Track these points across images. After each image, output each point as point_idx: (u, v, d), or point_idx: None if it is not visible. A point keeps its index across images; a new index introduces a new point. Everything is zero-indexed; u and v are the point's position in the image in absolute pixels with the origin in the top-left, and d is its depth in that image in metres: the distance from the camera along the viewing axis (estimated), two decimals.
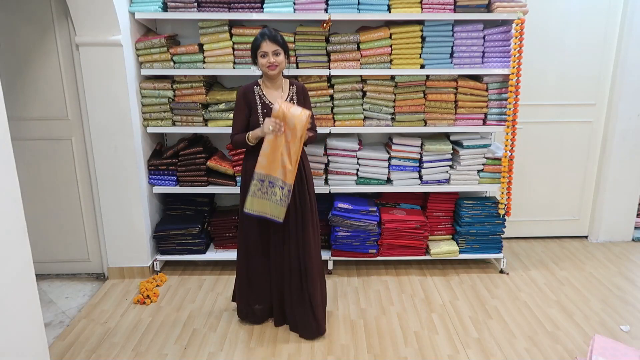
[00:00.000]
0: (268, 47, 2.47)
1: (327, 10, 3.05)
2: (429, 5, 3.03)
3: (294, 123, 2.38)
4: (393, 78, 3.19)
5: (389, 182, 3.37)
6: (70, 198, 3.23)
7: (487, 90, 3.21)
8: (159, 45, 3.09)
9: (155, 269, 3.37)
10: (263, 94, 2.58)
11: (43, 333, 1.98)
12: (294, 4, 3.03)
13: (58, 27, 2.96)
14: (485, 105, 3.23)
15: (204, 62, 3.15)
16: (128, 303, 3.03)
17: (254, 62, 2.58)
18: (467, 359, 2.51)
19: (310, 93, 3.01)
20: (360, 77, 3.19)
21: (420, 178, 3.35)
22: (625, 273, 3.42)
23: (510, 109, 3.15)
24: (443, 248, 3.38)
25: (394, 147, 3.29)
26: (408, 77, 3.16)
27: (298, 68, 3.13)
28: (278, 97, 2.58)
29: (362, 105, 3.22)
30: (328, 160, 3.32)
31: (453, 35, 3.11)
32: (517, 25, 3.05)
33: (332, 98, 3.21)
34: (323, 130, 3.21)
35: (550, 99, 3.71)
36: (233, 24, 3.14)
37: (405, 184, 3.34)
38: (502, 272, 3.41)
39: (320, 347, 2.60)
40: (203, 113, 3.20)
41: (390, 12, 3.05)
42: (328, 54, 3.14)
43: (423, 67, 3.13)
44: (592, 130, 3.80)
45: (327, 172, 3.34)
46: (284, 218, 2.51)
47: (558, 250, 3.78)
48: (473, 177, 3.34)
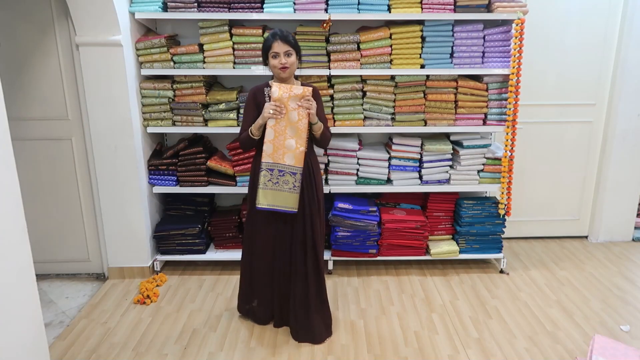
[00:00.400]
0: (280, 47, 2.41)
1: (327, 10, 3.05)
2: (429, 5, 3.03)
3: (297, 103, 2.37)
4: (393, 78, 3.19)
5: (389, 182, 3.36)
6: (70, 198, 3.23)
7: (487, 90, 3.21)
8: (159, 45, 3.09)
9: (156, 269, 3.37)
10: None
11: (43, 333, 1.98)
12: (294, 4, 3.03)
13: (58, 27, 2.96)
14: (485, 105, 3.23)
15: (204, 62, 3.15)
16: (128, 303, 3.03)
17: (265, 62, 2.52)
18: (467, 359, 2.51)
19: None
20: (360, 77, 3.19)
21: (421, 178, 3.35)
22: (625, 273, 3.42)
23: (510, 109, 3.15)
24: (443, 248, 3.38)
25: (394, 147, 3.29)
26: (408, 77, 3.16)
27: (298, 68, 3.12)
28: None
29: (362, 105, 3.22)
30: (328, 160, 3.32)
31: (453, 35, 3.11)
32: (517, 25, 3.05)
33: (332, 98, 3.21)
34: None
35: (550, 99, 3.71)
36: (233, 24, 3.15)
37: (406, 184, 3.34)
38: (502, 272, 3.41)
39: (321, 347, 2.60)
40: (203, 113, 3.20)
41: (390, 12, 3.05)
42: (328, 54, 3.14)
43: (423, 67, 3.14)
44: (592, 130, 3.80)
45: (327, 172, 3.34)
46: (294, 223, 2.47)
47: (558, 250, 3.78)
48: (473, 177, 3.34)
